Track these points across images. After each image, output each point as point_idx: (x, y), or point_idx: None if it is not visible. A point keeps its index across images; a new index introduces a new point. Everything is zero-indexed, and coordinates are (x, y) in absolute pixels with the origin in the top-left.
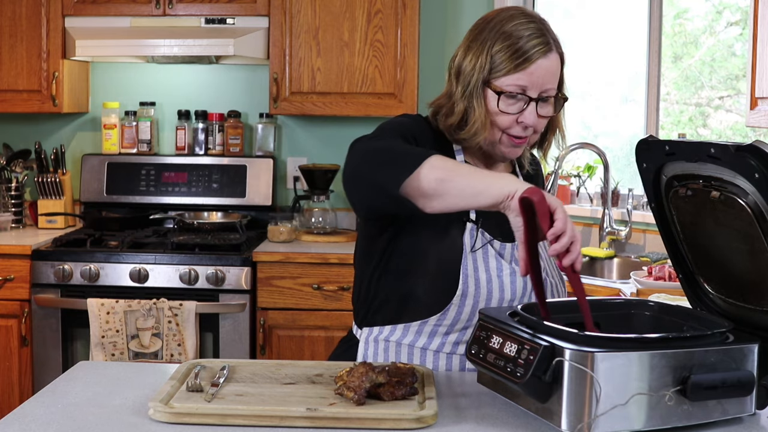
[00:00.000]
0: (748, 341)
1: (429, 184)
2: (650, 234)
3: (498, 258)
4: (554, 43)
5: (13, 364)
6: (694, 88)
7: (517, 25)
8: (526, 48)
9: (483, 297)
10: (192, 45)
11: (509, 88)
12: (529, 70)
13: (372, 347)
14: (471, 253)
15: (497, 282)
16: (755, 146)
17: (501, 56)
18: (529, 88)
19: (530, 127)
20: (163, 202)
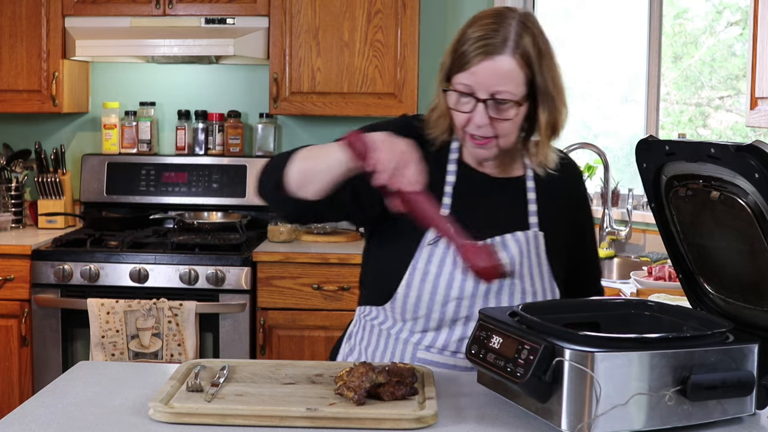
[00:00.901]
0: (748, 341)
1: (295, 177)
2: (650, 234)
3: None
4: (513, 47)
5: (13, 364)
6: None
7: (477, 26)
8: (470, 49)
9: (428, 290)
10: (192, 45)
11: (458, 86)
12: (472, 71)
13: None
14: (428, 246)
15: (446, 278)
16: (755, 146)
17: (457, 54)
18: (476, 89)
19: (482, 127)
20: (163, 202)
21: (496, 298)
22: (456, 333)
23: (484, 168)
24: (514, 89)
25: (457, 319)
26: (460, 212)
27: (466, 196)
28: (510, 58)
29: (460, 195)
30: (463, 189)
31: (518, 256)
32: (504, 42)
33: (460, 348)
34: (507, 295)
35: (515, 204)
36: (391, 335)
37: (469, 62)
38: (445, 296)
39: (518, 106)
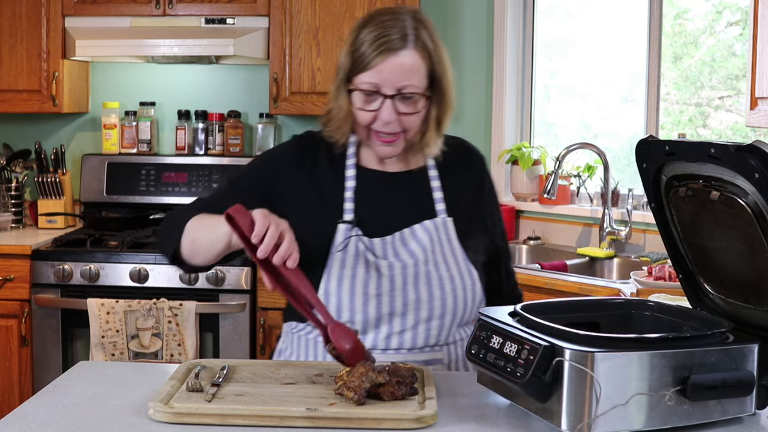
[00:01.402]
0: (748, 341)
1: (186, 249)
2: (650, 234)
3: (366, 253)
4: (414, 40)
5: (13, 364)
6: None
7: (373, 25)
8: (374, 47)
9: (346, 293)
10: (192, 45)
11: (363, 86)
12: (378, 68)
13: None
14: (338, 252)
15: (361, 278)
16: (755, 146)
17: (356, 55)
18: (382, 86)
19: (390, 123)
20: (163, 202)
21: (414, 288)
22: (382, 331)
23: (384, 165)
24: (419, 82)
25: (380, 317)
26: (365, 214)
27: (369, 197)
28: (413, 51)
29: (362, 197)
30: (365, 191)
31: (429, 244)
32: (404, 37)
33: (389, 345)
34: (424, 284)
35: (420, 195)
36: (318, 344)
37: (372, 61)
38: (364, 295)
39: (425, 99)
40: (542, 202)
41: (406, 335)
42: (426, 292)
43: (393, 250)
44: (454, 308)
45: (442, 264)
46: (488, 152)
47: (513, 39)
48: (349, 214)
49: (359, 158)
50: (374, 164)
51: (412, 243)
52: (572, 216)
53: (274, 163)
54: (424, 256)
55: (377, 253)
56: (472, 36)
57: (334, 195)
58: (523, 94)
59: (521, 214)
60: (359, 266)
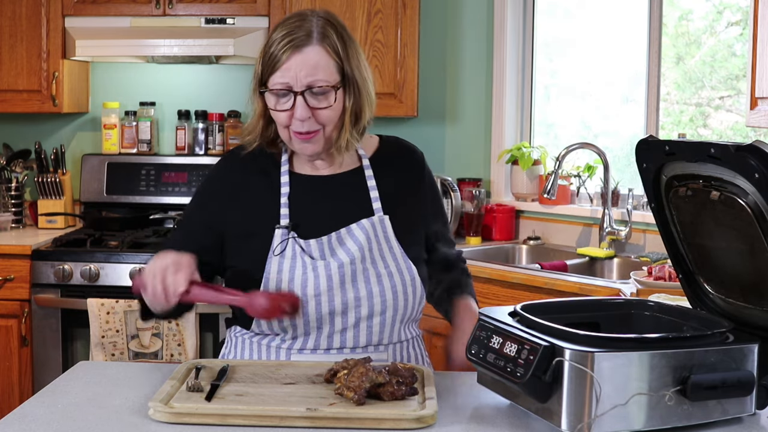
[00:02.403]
0: (748, 341)
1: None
2: (650, 234)
3: (303, 256)
4: (319, 37)
5: (13, 364)
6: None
7: (281, 28)
8: (279, 48)
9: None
10: (192, 45)
11: (274, 86)
12: (284, 68)
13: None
14: (276, 256)
15: (299, 280)
16: (755, 146)
17: (262, 60)
18: (292, 84)
19: (305, 121)
20: (163, 202)
21: (353, 286)
22: (324, 331)
23: (317, 170)
24: (328, 77)
25: (321, 317)
26: (301, 218)
27: (304, 201)
28: (318, 47)
29: (298, 203)
30: (300, 197)
31: (366, 242)
32: (309, 35)
33: (331, 344)
34: (362, 281)
35: (356, 195)
36: (262, 346)
37: (279, 60)
38: (303, 297)
39: (335, 91)
40: (542, 202)
41: (348, 334)
42: (365, 289)
43: (330, 250)
44: (395, 304)
45: (379, 261)
46: (488, 152)
47: (513, 39)
48: (284, 219)
49: (292, 166)
50: (308, 170)
51: (349, 242)
52: (572, 216)
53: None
54: (360, 254)
55: (314, 255)
56: (472, 36)
57: (269, 203)
58: (523, 94)
59: (521, 214)
60: (297, 268)
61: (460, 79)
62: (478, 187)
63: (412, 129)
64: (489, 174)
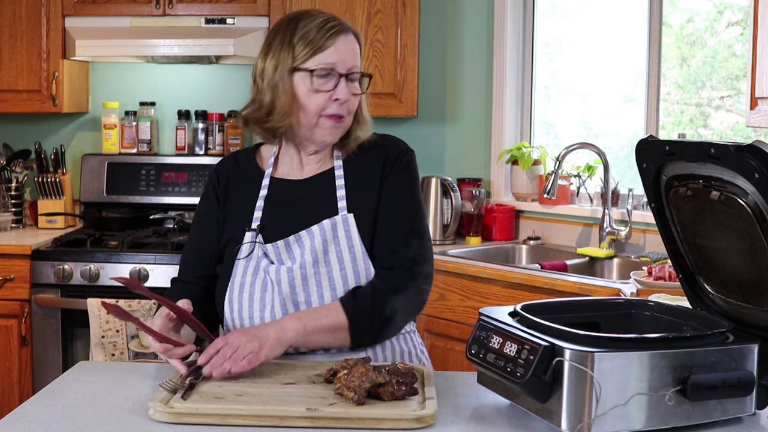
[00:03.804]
0: (748, 341)
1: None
2: (650, 234)
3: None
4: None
5: (13, 364)
6: (694, 88)
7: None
8: (326, 28)
9: (246, 300)
10: (192, 45)
11: (320, 66)
12: (334, 48)
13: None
14: (241, 259)
15: (260, 284)
16: (755, 146)
17: (305, 41)
18: (337, 65)
19: (345, 102)
20: (163, 202)
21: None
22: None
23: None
24: (359, 65)
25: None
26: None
27: (278, 205)
28: (353, 36)
29: (272, 206)
30: (275, 199)
31: (322, 244)
32: (345, 23)
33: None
34: (314, 286)
35: (325, 196)
36: None
37: (326, 42)
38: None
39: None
40: (542, 202)
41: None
42: (316, 294)
43: (286, 254)
44: None
45: (335, 264)
46: (488, 152)
47: (513, 39)
48: (255, 222)
49: (276, 171)
50: (292, 174)
51: (306, 244)
52: (572, 216)
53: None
54: (312, 257)
55: (271, 258)
56: (472, 36)
57: (248, 208)
58: (523, 94)
59: (521, 214)
60: (259, 273)
61: (460, 79)
62: (478, 187)
63: (412, 129)
64: (489, 174)
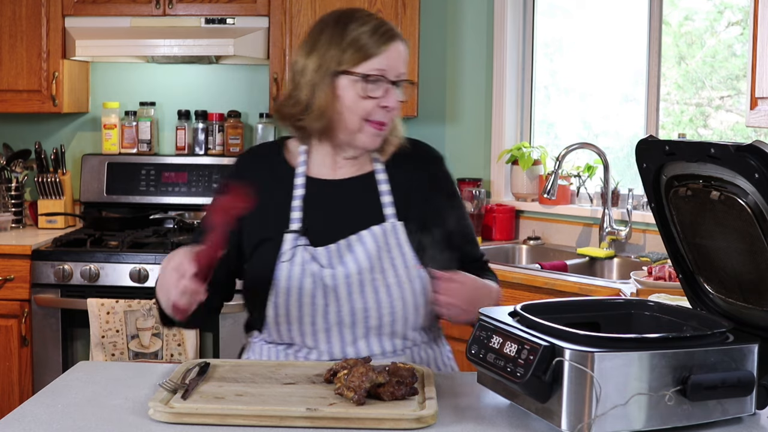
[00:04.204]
0: (748, 341)
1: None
2: (650, 234)
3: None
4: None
5: (13, 364)
6: (694, 88)
7: (364, 18)
8: (377, 36)
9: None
10: (192, 45)
11: (372, 72)
12: (385, 55)
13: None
14: (285, 262)
15: (309, 289)
16: (755, 146)
17: (356, 46)
18: (387, 72)
19: (392, 110)
20: (163, 202)
21: (361, 297)
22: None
23: (335, 173)
24: (407, 72)
25: (329, 328)
26: (312, 223)
27: (317, 206)
28: (403, 43)
29: (311, 207)
30: (313, 200)
31: (375, 250)
32: (396, 29)
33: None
34: (371, 292)
35: (369, 200)
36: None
37: (378, 48)
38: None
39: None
40: (542, 202)
41: (360, 345)
42: (373, 300)
43: (338, 258)
44: (404, 315)
45: (389, 270)
46: (488, 152)
47: (513, 39)
48: (295, 224)
49: (309, 169)
50: (324, 173)
51: (358, 249)
52: (572, 216)
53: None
54: (369, 263)
55: (322, 263)
56: (472, 36)
57: (283, 207)
58: (523, 94)
59: (521, 214)
60: (306, 277)
61: (460, 79)
62: (478, 187)
63: (411, 129)
64: (489, 174)
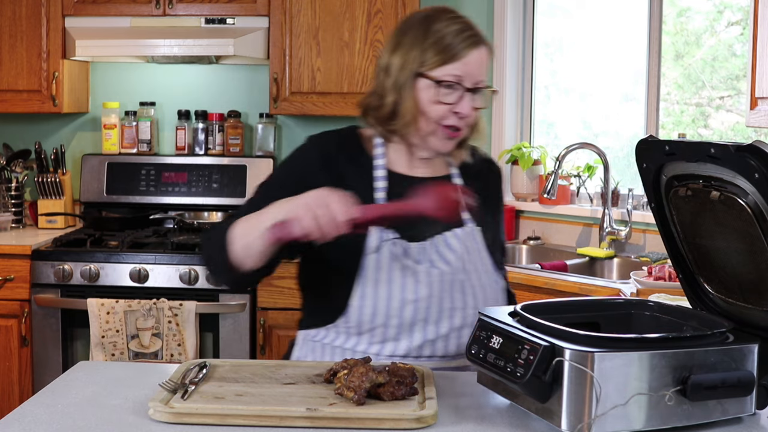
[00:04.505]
0: (748, 341)
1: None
2: (650, 234)
3: (403, 257)
4: (485, 39)
5: (13, 364)
6: (694, 88)
7: (449, 20)
8: (460, 39)
9: (383, 297)
10: (192, 45)
11: (447, 77)
12: (464, 61)
13: (304, 348)
14: (373, 254)
15: (399, 282)
16: (755, 146)
17: (436, 48)
18: (464, 79)
19: (465, 117)
20: (163, 202)
21: (450, 296)
22: (416, 339)
23: (412, 170)
24: (487, 79)
25: (414, 323)
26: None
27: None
28: (487, 49)
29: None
30: (396, 194)
31: (462, 252)
32: (481, 34)
33: (421, 353)
34: (458, 292)
35: None
36: (346, 351)
37: (460, 52)
38: (400, 300)
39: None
40: (542, 202)
41: (439, 343)
42: (460, 300)
43: (434, 255)
44: None
45: (473, 272)
46: (488, 152)
47: (513, 39)
48: None
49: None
50: (403, 168)
51: (446, 250)
52: (572, 216)
53: (300, 168)
54: (459, 263)
55: (415, 258)
56: None
57: (364, 197)
58: (523, 94)
59: (521, 214)
60: (395, 270)
61: None
62: None
63: None
64: None
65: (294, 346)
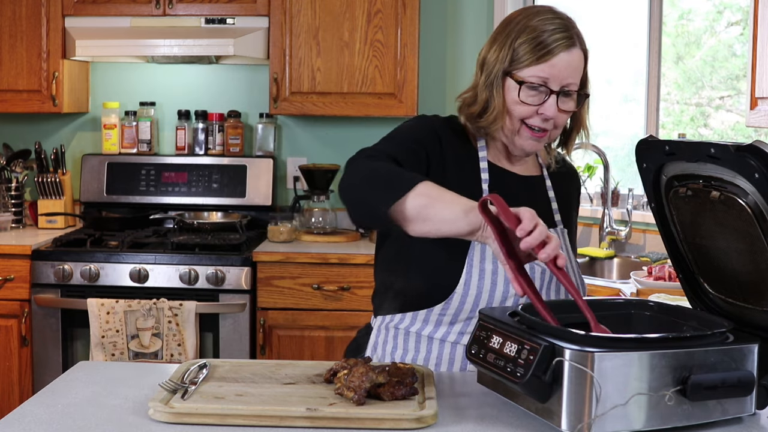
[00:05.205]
0: (748, 341)
1: (413, 210)
2: (650, 234)
3: None
4: (578, 40)
5: (13, 364)
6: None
7: (543, 20)
8: (548, 41)
9: (486, 288)
10: (192, 45)
11: (531, 79)
12: (551, 63)
13: (383, 334)
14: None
15: (503, 273)
16: (755, 146)
17: (524, 48)
18: (550, 81)
19: (550, 119)
20: (163, 202)
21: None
22: None
23: (511, 166)
24: (578, 82)
25: None
26: None
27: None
28: (581, 51)
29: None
30: (498, 188)
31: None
32: (577, 36)
33: None
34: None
35: (540, 202)
36: (434, 340)
37: (548, 54)
38: (504, 292)
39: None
40: None
41: None
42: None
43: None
44: None
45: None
46: None
47: None
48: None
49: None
50: (501, 163)
51: None
52: None
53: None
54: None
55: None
56: (472, 36)
57: (469, 186)
58: None
59: None
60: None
61: (460, 79)
62: None
63: None
64: None
65: (370, 332)
